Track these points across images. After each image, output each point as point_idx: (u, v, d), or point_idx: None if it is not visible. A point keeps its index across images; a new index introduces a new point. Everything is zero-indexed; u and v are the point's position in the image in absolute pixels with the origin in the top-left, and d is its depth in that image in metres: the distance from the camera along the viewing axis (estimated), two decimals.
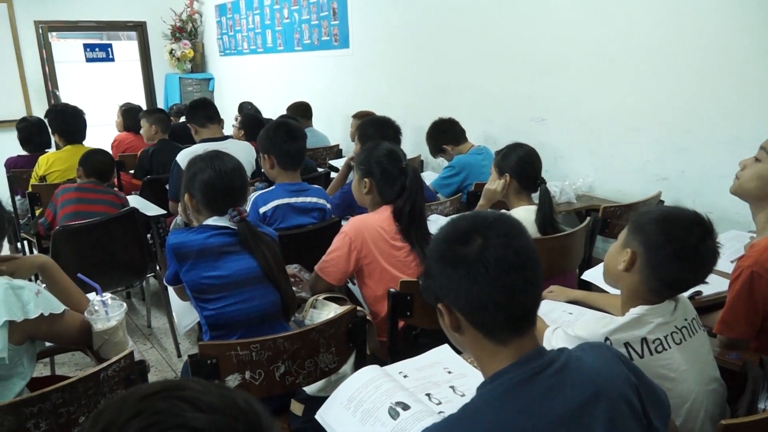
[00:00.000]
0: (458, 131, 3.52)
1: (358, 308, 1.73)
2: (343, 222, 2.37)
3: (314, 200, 2.50)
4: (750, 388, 1.35)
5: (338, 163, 3.69)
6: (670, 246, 1.24)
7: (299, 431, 1.62)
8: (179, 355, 3.12)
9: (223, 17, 6.99)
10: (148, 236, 3.13)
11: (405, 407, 1.18)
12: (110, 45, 7.49)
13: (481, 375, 1.01)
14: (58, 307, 1.44)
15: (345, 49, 5.13)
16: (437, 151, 3.57)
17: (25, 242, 3.85)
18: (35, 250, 3.55)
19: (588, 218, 2.45)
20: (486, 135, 3.86)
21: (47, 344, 1.61)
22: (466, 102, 4.02)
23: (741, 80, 2.63)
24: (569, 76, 3.36)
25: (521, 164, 2.25)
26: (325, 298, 1.92)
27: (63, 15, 6.85)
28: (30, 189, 3.44)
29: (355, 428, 1.18)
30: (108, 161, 3.14)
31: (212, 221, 1.78)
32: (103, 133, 5.72)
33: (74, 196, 2.93)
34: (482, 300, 0.94)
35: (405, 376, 1.36)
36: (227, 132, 3.80)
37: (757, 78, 2.57)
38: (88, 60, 7.22)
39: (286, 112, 4.61)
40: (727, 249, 1.81)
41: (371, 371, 1.32)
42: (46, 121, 3.95)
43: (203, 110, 3.42)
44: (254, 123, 4.01)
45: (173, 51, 7.30)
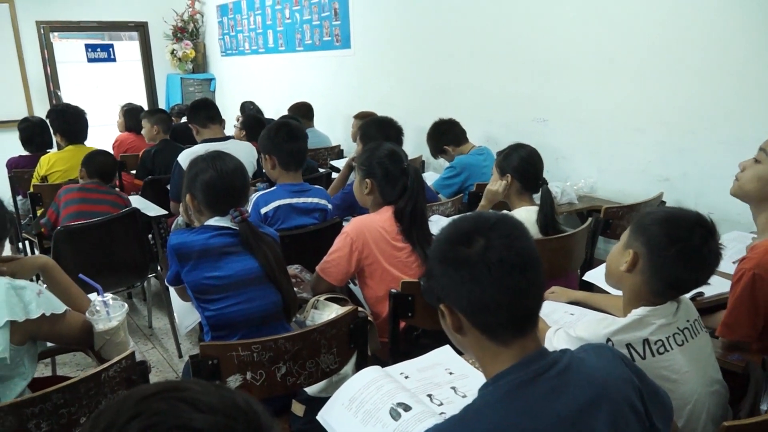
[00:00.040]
0: (459, 132, 3.52)
1: (360, 309, 1.73)
2: (345, 222, 2.37)
3: (315, 201, 2.50)
4: (752, 390, 1.34)
5: (339, 164, 3.69)
6: (673, 247, 1.23)
7: None
8: (180, 356, 3.12)
9: (225, 17, 6.99)
10: (150, 236, 3.14)
11: (406, 408, 1.18)
12: (112, 45, 7.50)
13: (483, 376, 1.01)
14: (60, 308, 1.44)
15: (346, 50, 5.13)
16: (438, 152, 3.57)
17: (27, 242, 3.85)
18: (36, 251, 3.55)
19: (590, 219, 2.45)
20: (487, 135, 3.86)
21: (48, 344, 1.61)
22: (468, 102, 4.02)
23: (743, 81, 2.63)
24: (570, 77, 3.35)
25: (523, 165, 2.25)
26: (327, 299, 1.92)
27: (65, 15, 6.86)
28: (31, 189, 3.44)
29: (357, 429, 1.18)
30: (111, 162, 3.15)
31: (214, 222, 1.78)
32: (105, 134, 5.73)
33: (77, 196, 2.94)
34: (484, 301, 0.94)
35: (406, 377, 1.36)
36: (228, 132, 3.80)
37: (760, 78, 2.57)
38: (90, 60, 7.23)
39: (288, 113, 4.61)
40: (729, 250, 1.80)
41: (372, 372, 1.32)
42: (48, 122, 3.96)
43: (204, 111, 3.42)
44: (256, 123, 4.01)
45: (175, 51, 7.31)
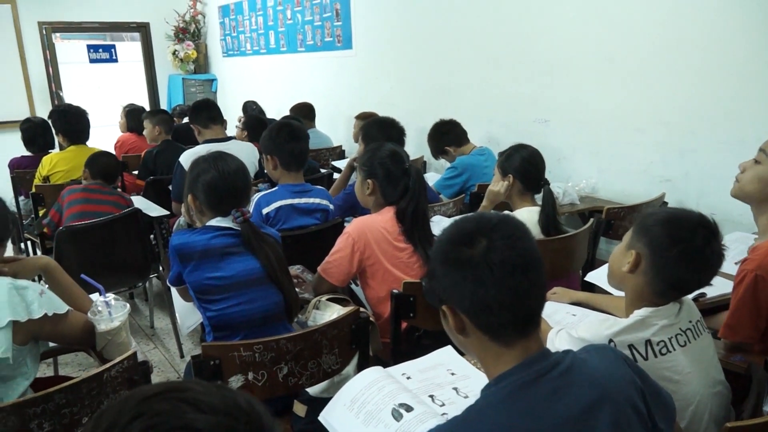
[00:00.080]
0: (460, 132, 3.52)
1: (361, 309, 1.73)
2: (346, 223, 2.37)
3: (317, 201, 2.50)
4: (755, 391, 1.34)
5: (341, 164, 3.69)
6: (675, 248, 1.23)
7: None
8: (182, 356, 3.12)
9: (226, 18, 7.00)
10: (151, 237, 3.14)
11: (408, 409, 1.17)
12: (113, 46, 7.51)
13: (485, 377, 1.01)
14: (62, 308, 1.45)
15: (348, 50, 5.13)
16: (439, 153, 3.57)
17: (29, 243, 3.85)
18: (39, 251, 3.56)
19: (591, 219, 2.45)
20: (489, 136, 3.86)
21: (51, 345, 1.61)
22: (469, 103, 4.01)
23: (744, 80, 2.62)
24: (572, 77, 3.35)
25: (525, 165, 2.25)
26: (328, 299, 1.92)
27: (66, 16, 6.87)
28: (33, 189, 3.44)
29: (358, 430, 1.18)
30: (114, 163, 3.16)
31: (215, 222, 1.78)
32: (107, 134, 5.74)
33: (80, 197, 2.94)
34: (487, 302, 0.93)
35: (408, 378, 1.36)
36: (230, 133, 3.80)
37: (760, 78, 2.56)
38: (92, 61, 7.24)
39: (290, 113, 4.62)
40: (732, 251, 1.79)
41: (374, 372, 1.32)
42: (50, 122, 3.96)
43: (206, 111, 3.42)
44: (257, 124, 4.02)
45: (176, 52, 7.31)
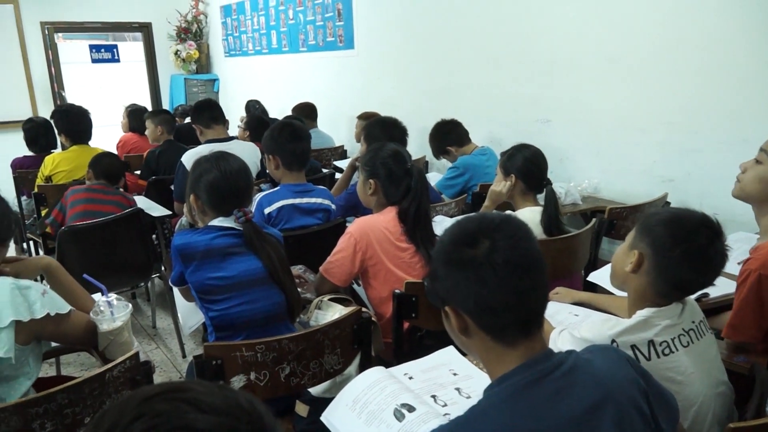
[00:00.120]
0: (461, 132, 3.52)
1: (363, 309, 1.73)
2: (348, 223, 2.37)
3: (319, 201, 2.50)
4: (758, 391, 1.34)
5: (343, 164, 3.69)
6: (678, 248, 1.23)
7: None
8: (184, 356, 3.12)
9: (228, 18, 7.01)
10: (154, 237, 3.14)
11: (410, 409, 1.17)
12: (116, 46, 7.51)
13: (487, 377, 1.00)
14: (64, 307, 1.45)
15: (350, 50, 5.13)
16: (440, 153, 3.56)
17: (31, 243, 3.86)
18: (41, 251, 3.56)
19: (594, 219, 2.45)
20: (491, 136, 3.85)
21: (53, 344, 1.62)
22: (471, 103, 4.01)
23: (747, 80, 2.61)
24: (573, 77, 3.35)
25: (527, 165, 2.25)
26: (330, 299, 1.92)
27: (69, 16, 6.88)
28: (36, 189, 3.45)
29: (361, 430, 1.18)
30: (117, 164, 3.16)
31: (217, 222, 1.78)
32: (109, 134, 5.74)
33: (84, 197, 2.95)
34: (490, 302, 0.93)
35: (410, 378, 1.35)
36: (232, 133, 3.80)
37: (762, 78, 2.56)
38: (94, 61, 7.25)
39: (292, 113, 4.62)
40: (735, 251, 1.78)
41: (376, 373, 1.32)
42: (52, 122, 3.97)
43: (208, 111, 3.42)
44: (259, 124, 4.02)
45: (178, 52, 7.33)
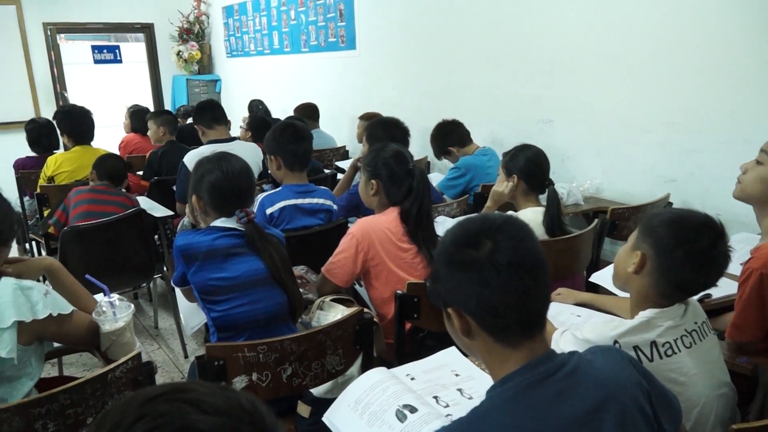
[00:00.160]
0: (463, 133, 3.51)
1: (365, 310, 1.73)
2: (350, 223, 2.37)
3: (321, 201, 2.50)
4: (761, 393, 1.33)
5: (345, 165, 3.68)
6: (681, 249, 1.22)
7: None
8: (186, 356, 3.13)
9: (230, 19, 7.01)
10: (156, 237, 3.14)
11: (412, 410, 1.17)
12: (118, 47, 7.52)
13: (489, 378, 1.00)
14: (67, 308, 1.45)
15: (352, 51, 5.13)
16: (442, 153, 3.56)
17: (33, 243, 3.86)
18: (43, 252, 3.56)
19: (596, 220, 2.44)
20: (493, 136, 3.85)
21: (55, 345, 1.62)
22: (472, 103, 4.01)
23: (748, 80, 2.61)
24: (575, 77, 3.34)
25: (529, 165, 2.25)
26: (332, 300, 1.92)
27: (71, 17, 6.89)
28: (38, 190, 3.45)
29: (363, 430, 1.18)
30: (121, 166, 3.17)
31: (219, 223, 1.78)
32: (111, 135, 5.75)
33: (87, 197, 2.96)
34: (493, 303, 0.93)
35: (412, 379, 1.35)
36: (234, 133, 3.81)
37: (763, 78, 2.55)
38: (96, 62, 7.25)
39: (293, 114, 4.62)
40: (737, 252, 1.78)
41: (378, 373, 1.32)
42: (55, 123, 3.97)
43: (210, 112, 3.42)
44: (261, 124, 4.02)
45: (180, 52, 7.33)
